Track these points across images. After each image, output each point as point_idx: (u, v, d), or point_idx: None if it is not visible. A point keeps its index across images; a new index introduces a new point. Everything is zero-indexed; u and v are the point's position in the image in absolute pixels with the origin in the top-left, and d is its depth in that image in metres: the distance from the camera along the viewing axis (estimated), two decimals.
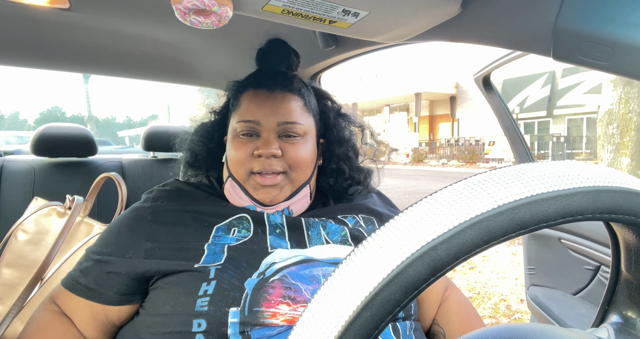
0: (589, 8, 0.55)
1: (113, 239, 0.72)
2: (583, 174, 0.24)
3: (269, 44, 0.88)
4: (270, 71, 0.83)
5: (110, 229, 0.75)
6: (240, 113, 0.77)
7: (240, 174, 0.76)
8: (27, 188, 1.29)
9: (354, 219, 0.81)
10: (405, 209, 0.24)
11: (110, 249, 0.70)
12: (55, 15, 0.97)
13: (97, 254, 0.70)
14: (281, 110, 0.76)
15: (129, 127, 62.08)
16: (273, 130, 0.75)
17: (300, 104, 0.79)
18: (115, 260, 0.68)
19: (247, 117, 0.76)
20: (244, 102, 0.78)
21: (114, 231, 0.73)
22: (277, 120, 0.75)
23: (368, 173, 0.91)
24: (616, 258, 0.32)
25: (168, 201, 0.76)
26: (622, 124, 4.51)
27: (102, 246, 0.72)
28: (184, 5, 0.56)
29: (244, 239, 0.70)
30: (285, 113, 0.76)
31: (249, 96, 0.78)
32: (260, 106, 0.76)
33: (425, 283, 0.22)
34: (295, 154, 0.76)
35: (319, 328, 0.22)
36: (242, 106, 0.78)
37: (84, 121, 30.96)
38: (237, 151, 0.75)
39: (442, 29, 0.79)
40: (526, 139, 1.57)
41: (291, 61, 0.88)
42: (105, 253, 0.70)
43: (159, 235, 0.69)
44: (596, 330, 0.33)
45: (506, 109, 1.52)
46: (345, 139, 0.89)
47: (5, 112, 72.15)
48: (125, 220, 0.74)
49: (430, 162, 17.60)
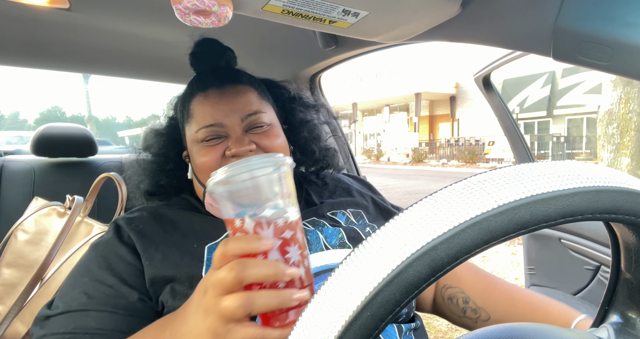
0: (589, 8, 0.55)
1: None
2: (583, 174, 0.24)
3: (200, 45, 0.82)
4: (214, 70, 0.78)
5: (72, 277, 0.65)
6: (197, 120, 0.71)
7: None
8: (27, 188, 1.29)
9: (344, 215, 0.80)
10: (405, 209, 0.24)
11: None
12: (55, 15, 0.97)
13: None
14: (239, 104, 0.71)
15: (129, 127, 62.02)
16: (239, 126, 0.70)
17: (255, 93, 0.75)
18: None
19: (206, 121, 0.70)
20: (197, 108, 0.72)
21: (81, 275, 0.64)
22: (239, 116, 0.70)
23: (334, 151, 0.91)
24: (616, 258, 0.32)
25: (144, 226, 0.69)
26: (622, 124, 4.51)
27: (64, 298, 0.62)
28: (184, 5, 0.56)
29: None
30: (244, 106, 0.71)
31: (200, 101, 0.72)
32: (216, 106, 0.71)
33: (426, 283, 0.22)
34: (269, 143, 0.71)
35: (319, 328, 0.22)
36: (196, 113, 0.72)
37: (84, 121, 30.93)
38: (205, 157, 0.70)
39: (442, 29, 0.79)
40: (526, 139, 1.57)
41: (229, 57, 0.84)
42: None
43: (148, 268, 0.63)
44: (596, 330, 0.33)
45: (506, 109, 1.52)
46: (305, 120, 0.87)
47: (5, 112, 72.13)
48: (93, 260, 0.65)
49: (430, 162, 17.60)
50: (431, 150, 19.42)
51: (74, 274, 0.65)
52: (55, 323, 0.59)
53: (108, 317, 0.59)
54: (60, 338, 0.57)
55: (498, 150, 15.45)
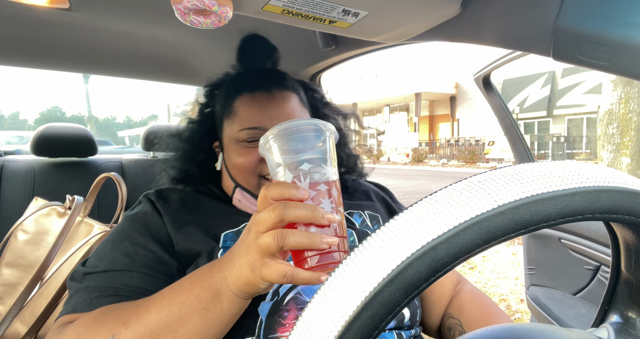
0: (589, 8, 0.55)
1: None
2: (583, 174, 0.24)
3: (248, 41, 0.83)
4: (262, 71, 0.79)
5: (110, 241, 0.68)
6: (241, 121, 0.73)
7: (251, 181, 0.73)
8: (27, 188, 1.29)
9: (361, 217, 0.80)
10: (405, 209, 0.24)
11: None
12: (55, 15, 0.97)
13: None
14: (284, 111, 0.73)
15: (129, 127, 62.07)
16: None
17: (297, 100, 0.77)
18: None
19: (250, 124, 0.71)
20: (242, 108, 0.73)
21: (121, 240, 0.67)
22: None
23: (358, 158, 0.92)
24: (616, 258, 0.32)
25: (172, 205, 0.72)
26: (622, 124, 4.51)
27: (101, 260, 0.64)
28: (184, 5, 0.56)
29: None
30: (288, 113, 0.73)
31: (246, 101, 0.73)
32: (262, 110, 0.72)
33: (425, 283, 0.22)
34: None
35: (319, 328, 0.22)
36: (240, 113, 0.73)
37: (84, 121, 30.96)
38: (245, 158, 0.72)
39: (442, 29, 0.79)
40: (526, 139, 1.57)
41: (275, 57, 0.84)
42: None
43: (178, 242, 0.66)
44: (596, 330, 0.33)
45: (506, 109, 1.52)
46: (336, 127, 0.87)
47: (5, 112, 72.16)
48: (133, 227, 0.68)
49: (430, 162, 17.60)
50: (431, 150, 19.42)
51: (111, 240, 0.67)
52: (98, 278, 0.61)
53: (150, 280, 0.61)
54: (105, 291, 0.59)
55: (498, 150, 15.45)
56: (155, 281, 0.61)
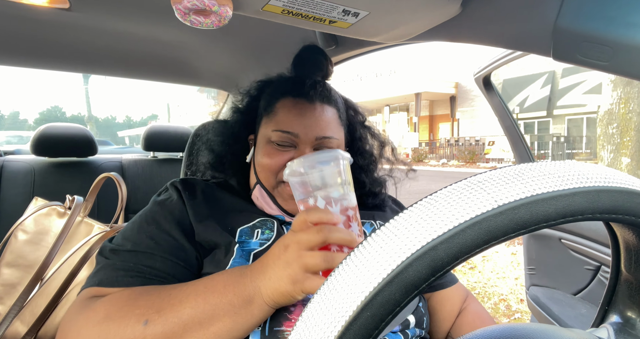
0: (589, 8, 0.55)
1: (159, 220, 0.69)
2: (583, 174, 0.24)
3: (306, 50, 0.85)
4: (310, 80, 0.79)
5: (141, 220, 0.71)
6: (277, 122, 0.74)
7: (270, 182, 0.75)
8: (27, 188, 1.29)
9: (372, 226, 0.81)
10: (405, 209, 0.24)
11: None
12: (55, 15, 0.97)
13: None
14: (320, 123, 0.74)
15: (129, 127, 62.08)
16: (310, 143, 0.74)
17: (336, 116, 0.78)
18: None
19: (285, 127, 0.73)
20: (282, 111, 0.75)
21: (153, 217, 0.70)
22: (315, 134, 0.73)
23: (384, 184, 0.91)
24: (616, 258, 0.32)
25: (196, 196, 0.74)
26: (622, 124, 4.51)
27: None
28: (184, 5, 0.56)
29: (267, 242, 0.69)
30: (323, 127, 0.74)
31: (288, 105, 0.75)
32: (300, 118, 0.73)
33: (426, 283, 0.22)
34: None
35: (319, 328, 0.22)
36: (279, 114, 0.75)
37: (84, 121, 30.95)
38: (271, 159, 0.73)
39: (442, 29, 0.79)
40: (526, 139, 1.57)
41: (327, 71, 0.86)
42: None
43: (198, 232, 0.69)
44: (596, 330, 0.33)
45: (506, 109, 1.52)
46: (369, 152, 0.89)
47: (5, 112, 72.16)
48: (160, 212, 0.71)
49: (430, 162, 17.60)
50: (431, 150, 19.42)
51: (139, 221, 0.70)
52: (125, 256, 0.64)
53: (171, 265, 0.64)
54: (130, 270, 0.62)
55: (498, 150, 15.45)
56: (176, 266, 0.64)
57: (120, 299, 0.56)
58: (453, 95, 19.15)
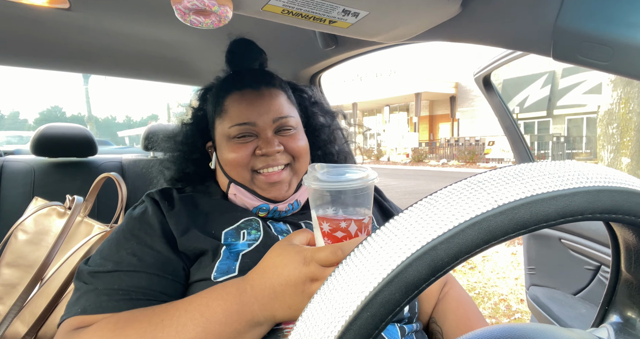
0: (589, 8, 0.55)
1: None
2: (583, 174, 0.24)
3: (236, 44, 0.86)
4: (250, 71, 0.82)
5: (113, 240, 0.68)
6: (231, 117, 0.75)
7: (244, 176, 0.75)
8: (27, 188, 1.29)
9: None
10: (405, 209, 0.24)
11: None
12: (55, 15, 0.97)
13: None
14: (272, 106, 0.76)
15: (129, 127, 62.09)
16: (270, 128, 0.75)
17: (285, 97, 0.80)
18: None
19: (240, 119, 0.75)
20: (232, 106, 0.76)
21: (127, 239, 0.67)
22: (271, 117, 0.75)
23: (349, 154, 0.95)
24: (616, 258, 0.32)
25: (174, 204, 0.73)
26: (622, 124, 4.51)
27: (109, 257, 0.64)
28: (184, 5, 0.56)
29: (255, 242, 0.68)
30: (277, 109, 0.76)
31: (236, 98, 0.76)
32: (252, 107, 0.75)
33: (426, 283, 0.22)
34: (295, 145, 0.77)
35: (319, 327, 0.22)
36: (230, 110, 0.76)
37: (84, 121, 30.96)
38: (237, 153, 0.74)
39: (442, 29, 0.79)
40: (526, 139, 1.57)
41: (262, 59, 0.88)
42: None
43: (181, 241, 0.67)
44: (596, 330, 0.33)
45: (506, 109, 1.52)
46: (326, 124, 0.91)
47: (5, 112, 72.17)
48: (138, 226, 0.68)
49: (430, 162, 17.60)
50: (431, 150, 19.42)
51: (116, 238, 0.67)
52: (105, 279, 0.61)
53: (157, 280, 0.61)
54: (114, 293, 0.59)
55: (498, 150, 15.45)
56: (163, 281, 0.62)
57: (106, 330, 0.52)
58: (453, 95, 19.15)
